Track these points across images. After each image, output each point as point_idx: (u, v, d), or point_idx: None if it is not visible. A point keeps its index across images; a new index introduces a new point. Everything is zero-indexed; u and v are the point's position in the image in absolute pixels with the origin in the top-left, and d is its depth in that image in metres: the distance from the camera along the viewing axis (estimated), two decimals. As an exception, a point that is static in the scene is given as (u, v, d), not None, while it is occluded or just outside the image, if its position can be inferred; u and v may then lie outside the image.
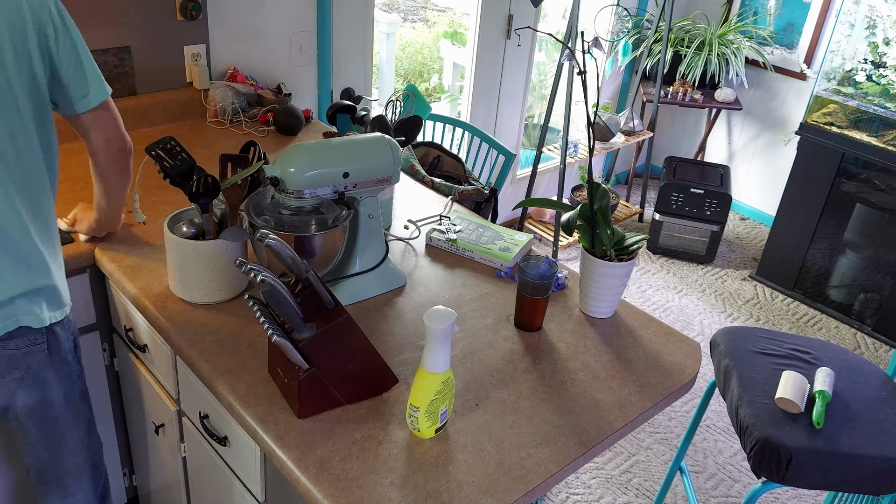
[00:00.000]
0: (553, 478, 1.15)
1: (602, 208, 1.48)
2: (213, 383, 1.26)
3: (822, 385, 1.66)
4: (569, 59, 1.49)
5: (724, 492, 2.42)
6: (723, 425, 2.69)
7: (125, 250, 1.59)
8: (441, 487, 1.10)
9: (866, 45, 3.10)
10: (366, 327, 1.43)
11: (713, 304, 3.42)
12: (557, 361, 1.40)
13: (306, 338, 1.14)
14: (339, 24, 2.60)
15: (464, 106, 3.37)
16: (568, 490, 2.36)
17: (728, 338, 1.87)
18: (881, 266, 3.23)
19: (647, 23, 3.93)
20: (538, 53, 3.79)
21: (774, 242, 3.54)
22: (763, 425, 1.57)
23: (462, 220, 1.80)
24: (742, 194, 4.26)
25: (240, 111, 2.30)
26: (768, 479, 1.56)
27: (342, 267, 1.50)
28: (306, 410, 1.19)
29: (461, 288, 1.59)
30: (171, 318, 1.39)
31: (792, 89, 3.88)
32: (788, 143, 3.87)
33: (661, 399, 1.34)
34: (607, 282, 1.50)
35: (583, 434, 1.23)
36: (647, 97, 3.86)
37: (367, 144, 1.44)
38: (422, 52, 5.19)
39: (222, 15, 2.29)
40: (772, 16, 3.85)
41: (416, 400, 1.14)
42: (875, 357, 3.17)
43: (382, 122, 1.84)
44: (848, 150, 3.16)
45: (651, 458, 2.52)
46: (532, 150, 3.74)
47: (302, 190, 1.35)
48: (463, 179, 2.34)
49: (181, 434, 1.59)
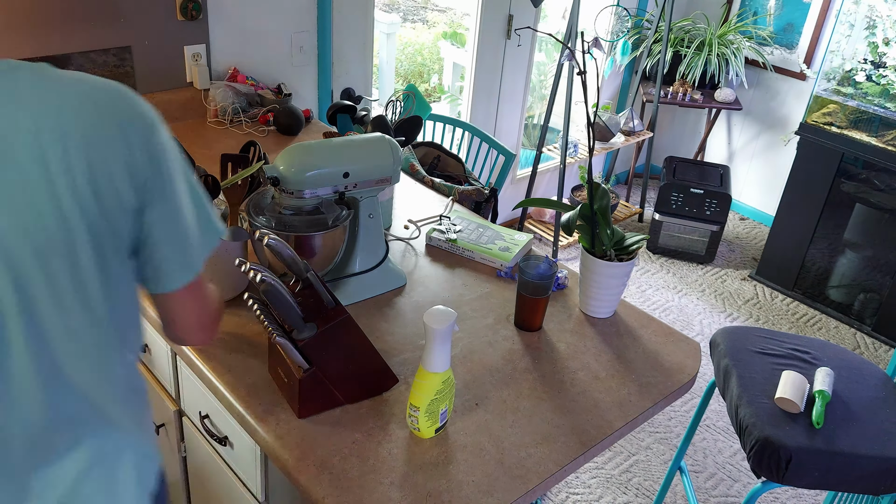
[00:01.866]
0: (553, 477, 1.15)
1: (602, 208, 1.49)
2: (213, 383, 1.26)
3: (821, 385, 1.66)
4: (569, 59, 1.49)
5: (724, 491, 2.42)
6: (723, 425, 2.69)
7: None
8: (441, 487, 1.10)
9: (866, 45, 3.10)
10: (366, 327, 1.43)
11: (713, 304, 3.42)
12: (557, 361, 1.40)
13: (306, 338, 1.14)
14: (339, 24, 2.61)
15: (464, 106, 3.37)
16: (568, 490, 2.36)
17: (728, 338, 1.87)
18: (881, 266, 3.23)
19: (646, 23, 3.93)
20: (538, 53, 3.79)
21: (774, 242, 3.54)
22: (763, 425, 1.57)
23: (462, 220, 1.81)
24: (742, 194, 4.26)
25: (240, 111, 2.30)
26: (768, 478, 1.56)
27: (342, 267, 1.50)
28: (306, 410, 1.19)
29: (461, 288, 1.59)
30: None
31: (792, 89, 3.88)
32: (788, 143, 3.88)
33: (660, 399, 1.34)
34: (607, 282, 1.50)
35: (583, 434, 1.23)
36: (647, 97, 3.87)
37: (367, 144, 1.44)
38: (422, 52, 5.19)
39: (222, 15, 2.29)
40: (772, 16, 3.85)
41: (416, 400, 1.14)
42: (875, 357, 3.17)
43: (382, 122, 1.84)
44: (848, 150, 3.16)
45: (651, 457, 2.52)
46: (532, 150, 3.74)
47: (302, 190, 1.35)
48: (463, 179, 2.34)
49: (181, 434, 1.59)
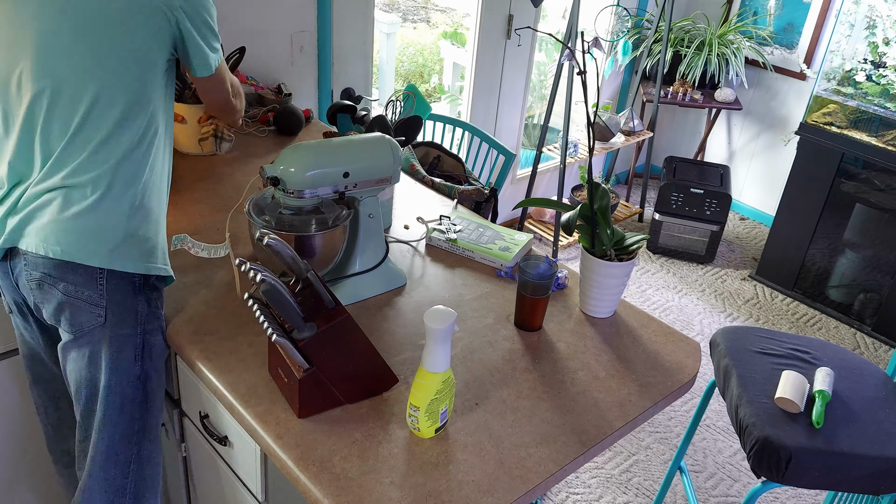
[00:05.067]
0: (553, 477, 1.15)
1: (602, 208, 1.49)
2: (213, 383, 1.26)
3: (821, 385, 1.66)
4: (569, 59, 1.49)
5: (724, 491, 2.42)
6: (723, 425, 2.69)
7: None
8: (441, 487, 1.10)
9: (866, 45, 3.10)
10: (366, 327, 1.43)
11: (713, 304, 3.42)
12: (557, 361, 1.40)
13: (306, 337, 1.14)
14: (339, 24, 2.61)
15: (464, 106, 3.37)
16: (568, 489, 2.36)
17: (728, 337, 1.87)
18: (881, 266, 3.23)
19: (647, 23, 3.93)
20: (538, 53, 3.79)
21: (774, 242, 3.54)
22: (763, 425, 1.57)
23: (462, 220, 1.81)
24: (742, 194, 4.26)
25: (240, 111, 2.30)
26: (768, 478, 1.56)
27: (342, 267, 1.50)
28: (306, 410, 1.19)
29: (461, 288, 1.59)
30: (169, 319, 1.39)
31: (792, 89, 3.88)
32: (788, 143, 3.88)
33: (660, 398, 1.34)
34: (607, 282, 1.50)
35: (582, 433, 1.23)
36: (647, 97, 3.87)
37: (368, 144, 1.44)
38: (422, 52, 5.19)
39: (222, 15, 2.28)
40: (772, 16, 3.85)
41: (416, 399, 1.14)
42: (875, 357, 3.17)
43: (382, 122, 1.84)
44: (848, 150, 3.16)
45: (651, 457, 2.52)
46: (532, 150, 3.74)
47: (302, 190, 1.35)
48: (463, 179, 2.34)
49: (181, 434, 1.59)
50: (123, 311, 1.30)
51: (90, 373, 1.32)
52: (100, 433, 1.35)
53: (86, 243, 1.25)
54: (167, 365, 1.52)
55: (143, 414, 1.37)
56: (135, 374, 1.34)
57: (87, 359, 1.32)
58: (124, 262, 1.28)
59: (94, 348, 1.31)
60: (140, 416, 1.37)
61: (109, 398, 1.33)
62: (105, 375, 1.31)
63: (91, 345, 1.31)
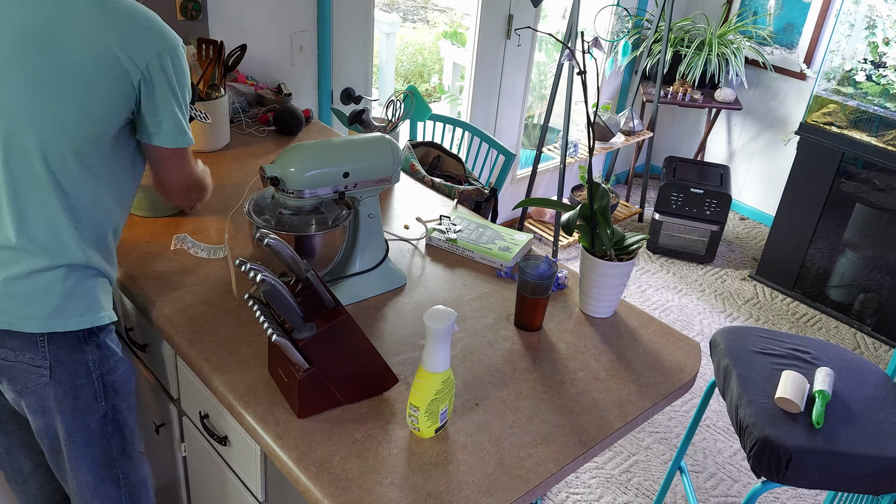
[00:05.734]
0: (553, 477, 1.15)
1: (602, 208, 1.49)
2: (213, 383, 1.26)
3: (821, 385, 1.66)
4: (569, 59, 1.49)
5: (724, 491, 2.42)
6: (723, 425, 2.69)
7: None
8: (441, 487, 1.10)
9: (866, 45, 3.10)
10: (366, 327, 1.43)
11: (713, 304, 3.42)
12: (557, 361, 1.40)
13: (306, 337, 1.14)
14: (339, 24, 2.61)
15: (464, 106, 3.37)
16: (568, 490, 2.36)
17: (728, 337, 1.87)
18: (881, 266, 3.23)
19: (646, 23, 3.93)
20: (538, 53, 3.79)
21: (774, 242, 3.54)
22: (763, 425, 1.57)
23: (462, 220, 1.81)
24: (742, 194, 4.26)
25: (240, 111, 2.30)
26: (768, 478, 1.56)
27: (342, 266, 1.50)
28: (306, 410, 1.19)
29: (461, 288, 1.59)
30: (169, 319, 1.39)
31: (792, 89, 3.88)
32: (788, 143, 3.88)
33: (660, 399, 1.34)
34: (607, 282, 1.50)
35: (582, 434, 1.23)
36: (647, 97, 3.87)
37: (367, 144, 1.44)
38: (422, 52, 5.19)
39: (222, 15, 2.29)
40: (772, 16, 3.85)
41: (416, 399, 1.14)
42: (875, 357, 3.17)
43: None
44: (848, 150, 3.16)
45: (651, 457, 2.52)
46: (532, 150, 3.74)
47: (302, 190, 1.35)
48: (463, 179, 2.34)
49: (181, 434, 1.59)
50: (71, 364, 1.25)
51: (46, 423, 1.29)
52: (76, 471, 1.33)
53: (22, 309, 1.18)
54: (167, 365, 1.52)
55: (119, 441, 1.35)
56: (100, 413, 1.30)
57: (40, 412, 1.27)
58: (66, 322, 1.21)
59: (43, 403, 1.26)
60: (116, 443, 1.34)
61: (72, 440, 1.29)
62: (62, 423, 1.27)
63: (40, 401, 1.26)
